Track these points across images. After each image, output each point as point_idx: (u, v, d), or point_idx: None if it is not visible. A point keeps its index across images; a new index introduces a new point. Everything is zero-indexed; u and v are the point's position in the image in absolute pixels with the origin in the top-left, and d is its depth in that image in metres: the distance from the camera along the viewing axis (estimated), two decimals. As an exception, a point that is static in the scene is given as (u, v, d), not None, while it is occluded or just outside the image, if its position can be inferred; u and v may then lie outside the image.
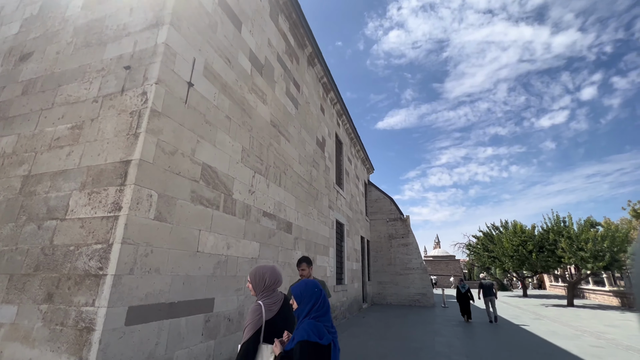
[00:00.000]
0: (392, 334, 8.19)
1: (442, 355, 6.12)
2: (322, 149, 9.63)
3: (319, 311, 1.81)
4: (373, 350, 6.40)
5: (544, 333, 8.74)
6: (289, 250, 6.49)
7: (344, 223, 11.60)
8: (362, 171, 17.15)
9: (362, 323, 9.79)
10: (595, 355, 6.34)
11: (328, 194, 9.86)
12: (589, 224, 16.56)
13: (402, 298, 16.11)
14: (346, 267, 11.32)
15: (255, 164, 5.40)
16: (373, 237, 17.71)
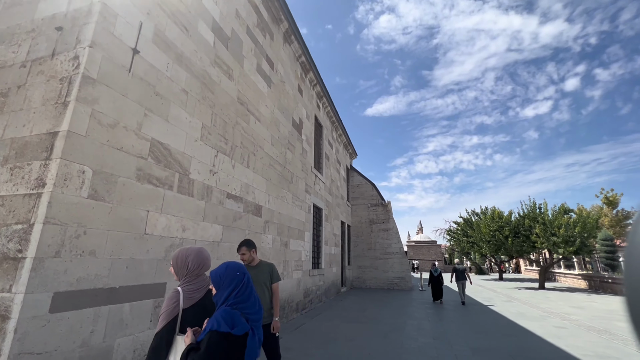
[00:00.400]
0: (365, 316, 8.23)
1: (410, 337, 6.15)
2: (299, 131, 9.33)
3: (239, 297, 1.61)
4: (342, 333, 6.38)
5: (512, 314, 8.99)
6: (258, 234, 6.29)
7: (323, 208, 11.47)
8: (344, 156, 16.97)
9: (337, 306, 9.82)
10: (557, 335, 6.52)
11: (305, 177, 9.65)
12: (563, 210, 17.05)
13: (381, 282, 16.34)
14: (324, 251, 11.27)
15: (218, 142, 5.09)
16: (354, 222, 17.74)
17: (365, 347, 5.37)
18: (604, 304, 11.60)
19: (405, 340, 5.89)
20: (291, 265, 7.96)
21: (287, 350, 5.10)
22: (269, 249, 6.72)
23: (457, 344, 5.74)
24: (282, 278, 7.39)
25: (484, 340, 6.00)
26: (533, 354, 5.19)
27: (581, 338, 6.35)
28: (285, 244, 7.66)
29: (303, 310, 8.63)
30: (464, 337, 6.28)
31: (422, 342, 5.79)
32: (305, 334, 6.25)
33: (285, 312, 7.43)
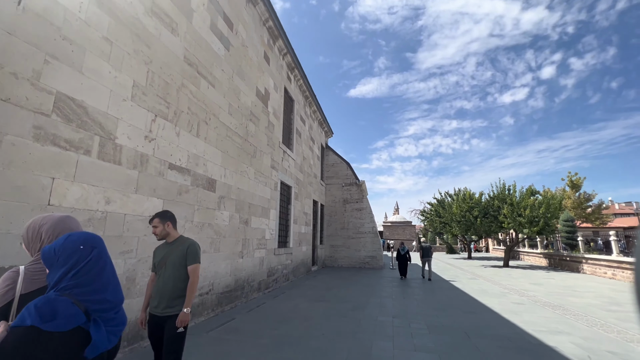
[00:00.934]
0: (329, 295, 8.08)
1: (370, 315, 6.02)
2: (264, 102, 8.71)
3: (78, 278, 1.18)
4: (302, 312, 6.16)
5: (475, 291, 9.15)
6: (211, 210, 5.82)
7: (292, 185, 11.06)
8: (318, 133, 16.46)
9: (304, 285, 9.65)
10: (514, 312, 6.60)
11: (271, 152, 9.13)
12: (530, 192, 17.55)
13: (353, 261, 16.41)
14: (292, 230, 10.97)
15: (156, 105, 4.48)
16: (328, 202, 17.52)
17: (321, 327, 5.15)
18: (561, 280, 12.14)
19: (364, 319, 5.74)
20: (252, 244, 7.58)
21: (236, 332, 4.79)
22: (224, 226, 6.28)
23: (416, 321, 5.65)
24: (242, 257, 7.06)
25: (443, 318, 5.96)
26: (488, 330, 5.16)
27: (536, 314, 6.46)
28: (245, 222, 7.24)
29: (266, 289, 8.37)
30: (424, 314, 6.22)
31: (380, 321, 5.66)
32: (262, 314, 5.97)
33: (245, 291, 7.12)
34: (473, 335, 4.86)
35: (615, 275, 12.39)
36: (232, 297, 6.53)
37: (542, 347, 4.41)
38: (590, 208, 26.45)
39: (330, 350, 4.08)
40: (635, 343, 4.69)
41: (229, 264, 6.41)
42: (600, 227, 27.56)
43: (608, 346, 4.51)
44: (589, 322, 5.88)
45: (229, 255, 6.45)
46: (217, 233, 6.00)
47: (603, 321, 5.94)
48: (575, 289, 9.86)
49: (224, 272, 6.20)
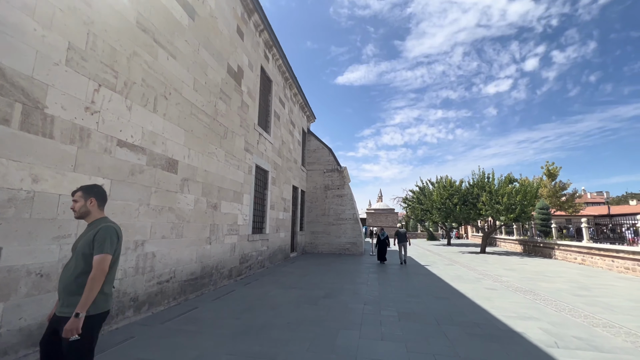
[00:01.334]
0: (304, 282, 7.89)
1: (342, 302, 5.84)
2: (237, 80, 8.19)
3: None
4: (271, 300, 5.92)
5: (450, 277, 9.18)
6: (172, 193, 5.40)
7: (269, 170, 10.67)
8: (300, 118, 15.99)
9: (279, 272, 9.42)
10: (486, 297, 6.59)
11: (245, 135, 8.68)
12: (508, 180, 17.81)
13: (333, 247, 16.33)
14: (269, 216, 10.64)
15: (100, 73, 3.98)
16: (309, 188, 17.24)
17: (288, 315, 4.92)
18: (534, 266, 12.43)
19: (335, 306, 5.55)
20: (222, 230, 7.23)
21: (194, 322, 4.49)
22: (189, 210, 5.88)
23: (387, 308, 5.51)
24: (210, 243, 6.70)
25: (415, 304, 5.85)
26: (459, 317, 5.07)
27: (508, 299, 6.46)
28: (214, 206, 6.85)
29: (238, 276, 8.08)
30: (396, 300, 6.10)
31: (351, 308, 5.49)
32: (228, 302, 5.68)
33: (214, 279, 6.80)
34: (443, 322, 4.75)
35: (584, 260, 12.79)
36: (199, 285, 6.21)
37: (510, 333, 4.34)
38: (564, 197, 27.34)
39: (292, 341, 3.85)
40: (600, 327, 4.69)
41: (194, 251, 6.05)
42: (572, 215, 28.62)
43: (575, 331, 4.49)
44: (558, 307, 5.91)
45: (195, 241, 6.08)
46: (180, 218, 5.60)
47: (571, 306, 5.99)
48: (546, 274, 10.07)
49: (188, 259, 5.84)
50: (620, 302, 6.36)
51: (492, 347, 3.82)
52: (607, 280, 9.16)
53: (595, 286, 8.13)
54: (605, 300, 6.56)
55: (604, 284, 8.44)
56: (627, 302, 6.43)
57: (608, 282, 8.74)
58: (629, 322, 5.03)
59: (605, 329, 4.65)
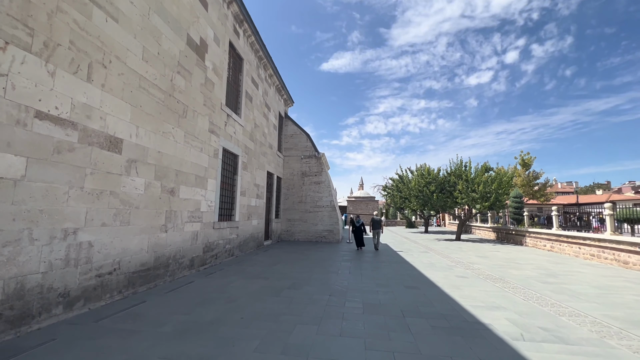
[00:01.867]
0: (271, 271, 7.51)
1: (306, 294, 5.51)
2: (200, 54, 7.49)
3: None
4: (230, 292, 5.51)
5: (423, 265, 9.07)
6: (115, 176, 4.80)
7: (239, 154, 10.08)
8: (276, 101, 15.31)
9: (249, 261, 9.00)
10: (456, 286, 6.44)
11: (210, 115, 8.03)
12: (484, 168, 17.97)
13: (309, 235, 16.04)
14: (239, 202, 10.13)
15: (6, 28, 3.30)
16: (286, 174, 16.74)
17: (244, 309, 4.53)
18: (505, 253, 12.62)
19: (298, 298, 5.21)
20: (182, 217, 6.68)
21: (135, 319, 4.02)
22: (137, 195, 5.30)
23: (353, 299, 5.22)
24: (166, 231, 6.16)
25: (383, 294, 5.60)
26: (426, 307, 4.85)
27: (477, 288, 6.34)
28: (171, 191, 6.28)
29: (202, 266, 7.60)
30: (364, 290, 5.83)
31: (315, 299, 5.16)
32: (182, 295, 5.22)
33: (171, 269, 6.30)
34: (409, 314, 4.50)
35: (553, 247, 13.11)
36: (151, 277, 5.70)
37: (477, 325, 4.13)
38: (537, 186, 28.19)
39: (240, 339, 3.46)
40: (566, 317, 4.59)
41: (145, 239, 5.51)
42: (544, 204, 29.63)
43: (541, 321, 4.34)
44: (526, 295, 5.83)
45: (146, 228, 5.53)
46: (126, 203, 5.03)
47: (539, 294, 5.93)
48: (516, 262, 10.17)
49: (137, 248, 5.30)
50: (586, 290, 6.37)
51: (457, 341, 3.59)
52: (573, 267, 9.33)
53: (562, 273, 8.22)
54: (572, 287, 6.57)
55: (571, 271, 8.56)
56: (592, 289, 6.46)
57: (575, 269, 8.88)
58: (594, 310, 4.97)
59: (572, 318, 4.55)
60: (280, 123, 16.60)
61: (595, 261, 10.38)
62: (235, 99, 10.26)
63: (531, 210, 25.98)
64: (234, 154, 9.79)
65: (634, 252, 8.85)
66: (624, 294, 6.10)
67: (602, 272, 8.53)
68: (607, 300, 5.56)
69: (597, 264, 9.96)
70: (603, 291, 6.27)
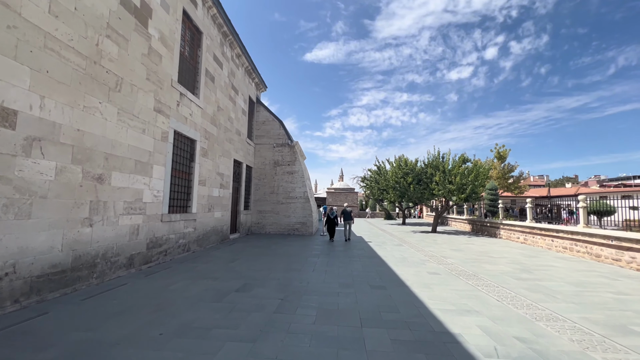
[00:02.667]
0: (227, 269, 6.70)
1: (255, 297, 4.76)
2: (140, 19, 6.41)
3: None
4: (166, 296, 4.67)
5: (394, 260, 8.52)
6: (5, 157, 3.80)
7: (197, 139, 9.08)
8: (245, 84, 14.23)
9: (205, 257, 8.14)
10: (426, 285, 5.89)
11: (156, 92, 7.00)
12: (462, 160, 17.72)
13: (281, 227, 15.27)
14: (197, 192, 9.17)
15: None
16: (257, 163, 15.78)
17: (171, 320, 3.72)
18: (479, 245, 12.37)
19: (243, 304, 4.44)
20: (115, 208, 5.71)
21: (20, 337, 3.12)
22: (45, 182, 4.31)
23: (308, 304, 4.52)
24: (91, 225, 5.20)
25: (344, 298, 4.93)
26: (390, 314, 4.22)
27: (449, 286, 5.81)
28: (98, 178, 5.29)
29: (146, 264, 6.67)
30: (324, 293, 5.15)
31: (263, 305, 4.42)
32: (100, 303, 4.33)
33: (99, 270, 5.35)
34: (369, 323, 3.84)
35: (526, 240, 13.00)
36: (69, 280, 4.75)
37: (445, 337, 3.52)
38: (511, 178, 28.61)
39: (142, 369, 2.66)
40: (544, 322, 4.08)
41: (58, 235, 4.54)
42: (517, 196, 30.19)
43: (517, 329, 3.80)
44: (500, 294, 5.33)
45: (59, 222, 4.55)
46: (25, 192, 4.03)
47: (514, 292, 5.45)
48: (490, 255, 9.84)
49: (44, 247, 4.34)
50: (561, 287, 5.98)
51: (419, 361, 2.94)
52: (547, 260, 9.08)
53: (536, 267, 7.89)
54: (547, 284, 6.16)
55: (545, 265, 8.26)
56: (568, 286, 6.08)
57: (548, 263, 8.61)
58: (572, 311, 4.51)
59: (549, 323, 4.04)
60: (251, 109, 15.55)
61: (567, 254, 10.23)
62: (193, 77, 9.18)
63: (505, 202, 26.33)
64: (190, 138, 8.78)
65: (606, 245, 8.67)
66: (600, 291, 5.74)
67: (576, 265, 8.28)
68: (584, 300, 5.14)
69: (569, 257, 9.79)
70: (579, 288, 5.89)
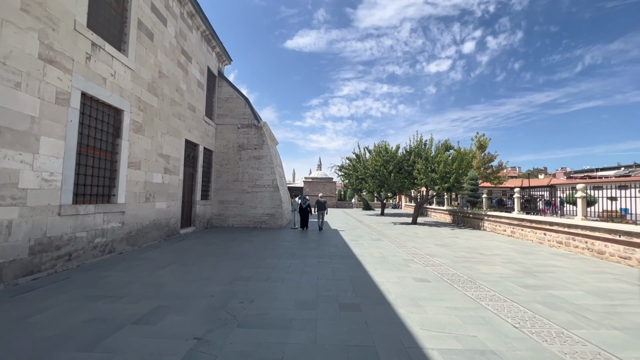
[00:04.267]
0: (144, 282, 4.92)
1: (154, 333, 3.04)
2: None
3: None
4: (19, 333, 2.86)
5: (373, 260, 7.03)
6: None
7: (125, 109, 7.06)
8: (203, 52, 12.09)
9: (131, 261, 6.28)
10: (414, 300, 4.39)
11: (44, 32, 4.95)
12: (445, 147, 16.52)
13: (247, 220, 13.47)
14: (128, 178, 7.22)
15: None
16: (219, 147, 13.78)
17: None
18: (466, 239, 11.19)
19: (127, 352, 2.72)
20: (-48, 197, 3.74)
21: None
22: None
23: (233, 351, 2.85)
24: None
25: (297, 332, 3.31)
26: (365, 364, 2.64)
27: (444, 302, 4.34)
28: None
29: (28, 275, 4.74)
30: (267, 322, 3.50)
31: (160, 351, 2.72)
32: None
33: None
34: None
35: (514, 233, 11.98)
36: None
37: None
38: (491, 168, 28.06)
39: None
40: (597, 370, 2.64)
41: None
42: (496, 187, 29.79)
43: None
44: (514, 314, 3.91)
45: None
46: None
47: (530, 311, 4.05)
48: (481, 252, 8.59)
49: None
50: (583, 299, 4.67)
51: None
52: (545, 258, 7.91)
53: (538, 269, 6.64)
54: (563, 294, 4.84)
55: (546, 265, 7.05)
56: (589, 297, 4.78)
57: (549, 262, 7.41)
58: (627, 346, 3.13)
59: (607, 373, 2.61)
60: (212, 83, 13.44)
61: (563, 249, 9.16)
62: (118, 28, 7.08)
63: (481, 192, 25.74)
64: (112, 106, 6.76)
65: (612, 240, 7.58)
66: (634, 305, 4.46)
67: (581, 265, 7.12)
68: (624, 321, 3.80)
69: (567, 253, 8.71)
70: (606, 301, 4.59)
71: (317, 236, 11.22)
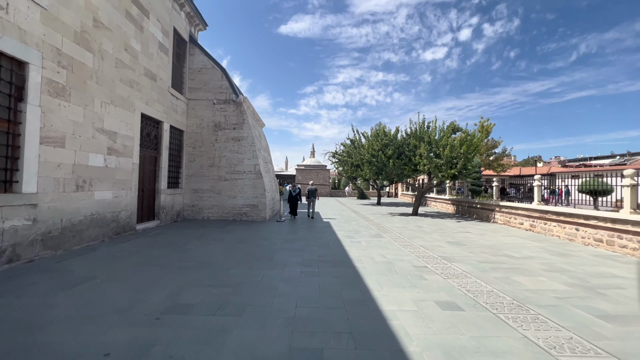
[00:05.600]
0: (17, 318, 3.08)
1: None
2: None
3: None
4: None
5: (375, 270, 5.27)
6: None
7: (30, 61, 5.05)
8: (167, 9, 9.93)
9: (24, 278, 4.42)
10: (446, 350, 2.63)
11: None
12: (451, 129, 14.70)
13: (224, 211, 11.60)
14: (41, 157, 5.27)
15: None
16: (191, 126, 11.77)
17: None
18: (479, 234, 9.52)
19: None
20: None
21: None
22: None
23: None
24: None
25: None
26: None
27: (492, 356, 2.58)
28: None
29: None
30: None
31: None
32: None
33: None
34: None
35: (533, 226, 10.34)
36: None
37: None
38: (493, 155, 26.48)
39: None
40: None
41: None
42: (499, 174, 28.25)
43: None
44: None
45: None
46: None
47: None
48: (507, 253, 6.90)
49: None
50: None
51: None
52: (592, 262, 6.25)
53: (596, 281, 4.95)
54: (673, 334, 3.13)
55: (602, 275, 5.36)
56: None
57: (601, 269, 5.74)
58: None
59: None
60: (181, 49, 11.31)
61: (603, 249, 7.53)
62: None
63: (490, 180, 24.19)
64: (7, 55, 4.74)
65: (679, 241, 5.93)
66: None
67: (643, 273, 5.46)
68: None
69: (613, 254, 7.06)
70: None
71: (305, 231, 9.46)
